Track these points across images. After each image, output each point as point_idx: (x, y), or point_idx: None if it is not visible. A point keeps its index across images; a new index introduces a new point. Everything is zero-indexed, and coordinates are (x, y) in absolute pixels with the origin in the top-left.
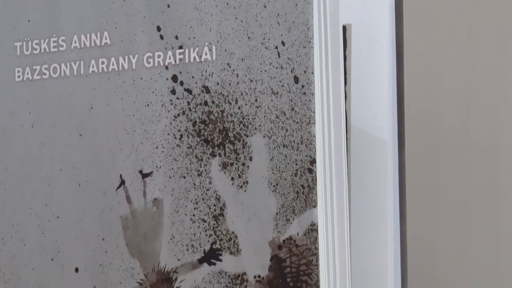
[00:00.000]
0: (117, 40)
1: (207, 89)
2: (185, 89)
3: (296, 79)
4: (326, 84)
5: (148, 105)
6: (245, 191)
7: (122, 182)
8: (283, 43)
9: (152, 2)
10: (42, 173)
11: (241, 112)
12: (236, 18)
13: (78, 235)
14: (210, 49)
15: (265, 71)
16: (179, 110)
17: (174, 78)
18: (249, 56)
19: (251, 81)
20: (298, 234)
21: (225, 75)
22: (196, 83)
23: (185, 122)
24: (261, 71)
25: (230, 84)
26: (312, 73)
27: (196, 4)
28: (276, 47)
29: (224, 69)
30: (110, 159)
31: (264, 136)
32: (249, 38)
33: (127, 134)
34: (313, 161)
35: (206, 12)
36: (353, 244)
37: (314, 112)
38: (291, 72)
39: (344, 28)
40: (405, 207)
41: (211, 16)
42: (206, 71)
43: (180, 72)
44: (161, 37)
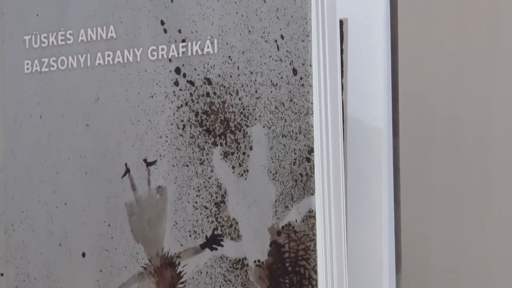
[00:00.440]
0: (122, 34)
1: (209, 81)
2: (187, 81)
3: (294, 71)
4: (324, 76)
5: (152, 96)
6: (245, 179)
7: (127, 171)
8: (282, 37)
9: None
10: (50, 162)
11: (242, 103)
12: (237, 13)
13: (85, 221)
14: (212, 43)
15: (265, 63)
16: (182, 101)
17: (177, 70)
18: (250, 49)
19: (251, 73)
20: (296, 221)
21: (226, 68)
22: (198, 75)
23: (188, 113)
24: (261, 64)
25: (231, 76)
26: (310, 65)
27: None
28: (276, 41)
29: (225, 61)
30: (116, 148)
31: (263, 126)
32: (249, 31)
33: (132, 124)
34: (311, 150)
35: (208, 7)
36: (350, 229)
37: (312, 103)
38: (290, 64)
39: (341, 22)
40: (399, 192)
41: (213, 10)
42: (208, 64)
43: (183, 65)
44: (165, 31)
